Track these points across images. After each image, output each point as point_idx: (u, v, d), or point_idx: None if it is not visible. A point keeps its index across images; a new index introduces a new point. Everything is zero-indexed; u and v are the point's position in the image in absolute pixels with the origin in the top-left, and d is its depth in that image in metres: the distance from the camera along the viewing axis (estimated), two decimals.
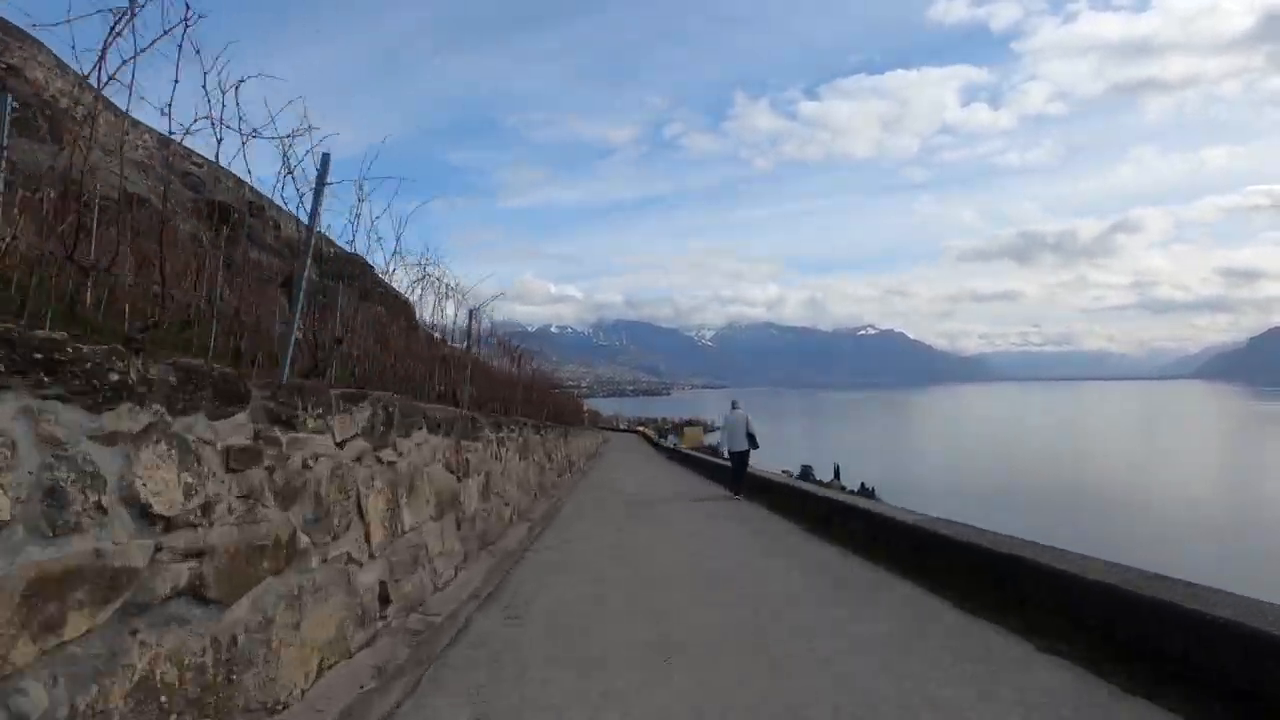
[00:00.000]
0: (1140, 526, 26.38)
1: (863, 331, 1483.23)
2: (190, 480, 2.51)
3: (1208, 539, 24.96)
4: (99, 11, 2.44)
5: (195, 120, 2.89)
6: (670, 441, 48.78)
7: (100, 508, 2.08)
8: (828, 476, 46.73)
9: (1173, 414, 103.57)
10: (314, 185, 3.93)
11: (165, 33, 2.56)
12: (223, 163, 3.16)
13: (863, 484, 41.81)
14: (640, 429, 72.59)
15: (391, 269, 5.48)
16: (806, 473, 44.30)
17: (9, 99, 2.83)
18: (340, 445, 3.82)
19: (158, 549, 2.33)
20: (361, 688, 3.38)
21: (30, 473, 1.87)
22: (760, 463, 15.64)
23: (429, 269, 6.45)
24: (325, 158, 3.90)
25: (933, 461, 44.93)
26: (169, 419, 2.42)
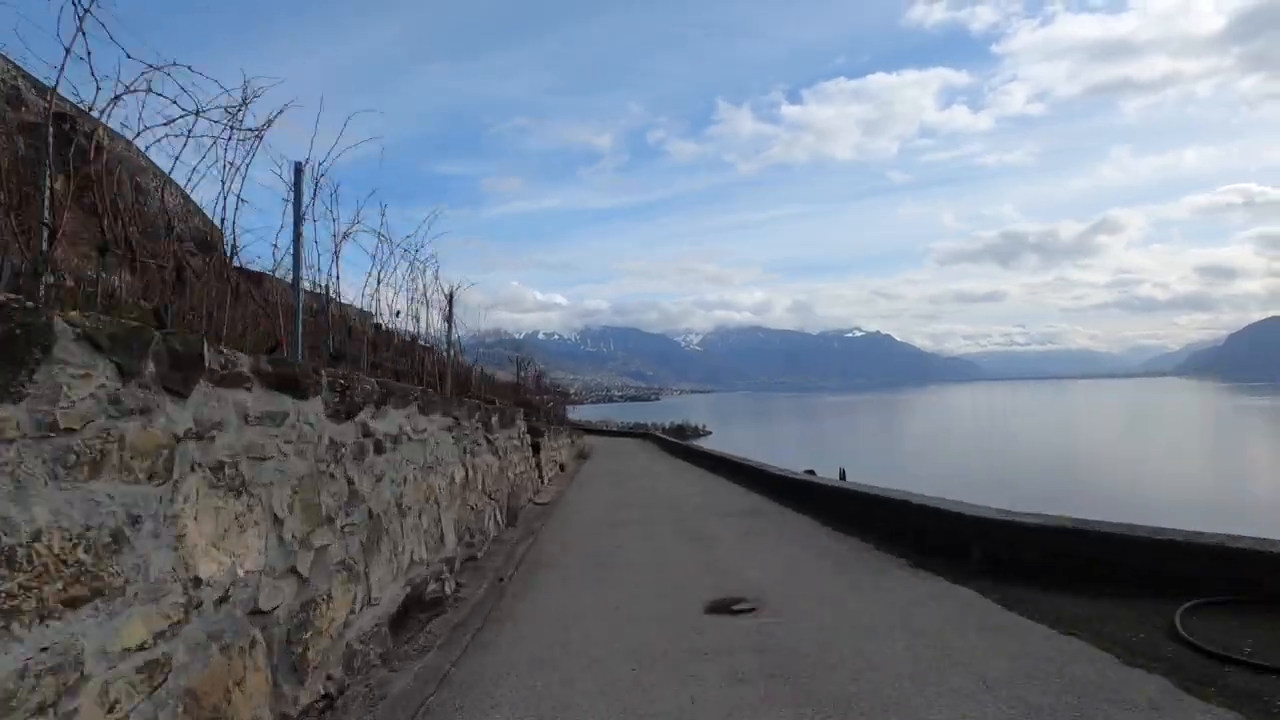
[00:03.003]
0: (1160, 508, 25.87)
1: (850, 334, 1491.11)
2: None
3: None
4: None
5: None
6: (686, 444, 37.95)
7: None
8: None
9: (1167, 410, 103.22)
10: (291, 197, 3.56)
11: None
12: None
13: None
14: (657, 431, 54.24)
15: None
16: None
17: None
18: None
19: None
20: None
21: None
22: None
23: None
24: (297, 168, 3.43)
25: (938, 464, 43.24)
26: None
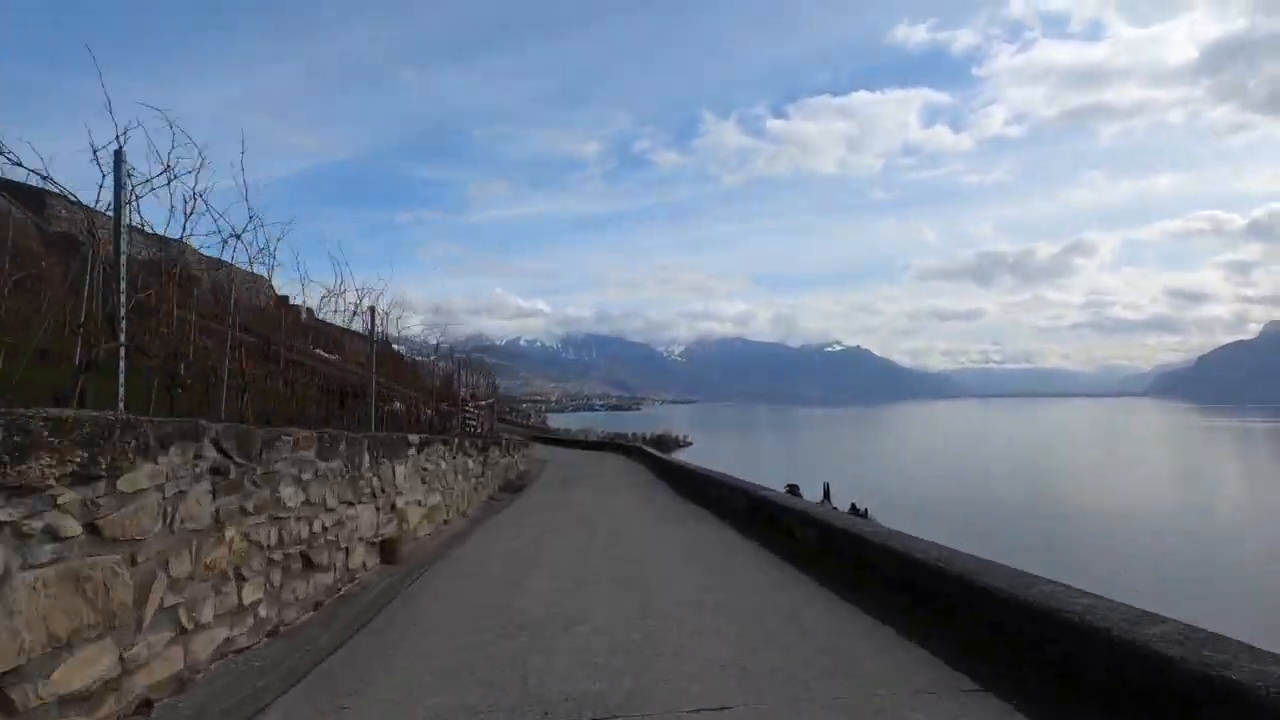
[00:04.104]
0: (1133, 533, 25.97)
1: (830, 348, 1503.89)
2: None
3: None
4: None
5: None
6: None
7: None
8: (816, 495, 44.08)
9: (1143, 432, 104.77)
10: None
11: None
12: None
13: (853, 504, 39.28)
14: (643, 444, 46.81)
15: None
16: (793, 493, 41.40)
17: None
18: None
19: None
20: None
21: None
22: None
23: None
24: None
25: (923, 479, 43.01)
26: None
